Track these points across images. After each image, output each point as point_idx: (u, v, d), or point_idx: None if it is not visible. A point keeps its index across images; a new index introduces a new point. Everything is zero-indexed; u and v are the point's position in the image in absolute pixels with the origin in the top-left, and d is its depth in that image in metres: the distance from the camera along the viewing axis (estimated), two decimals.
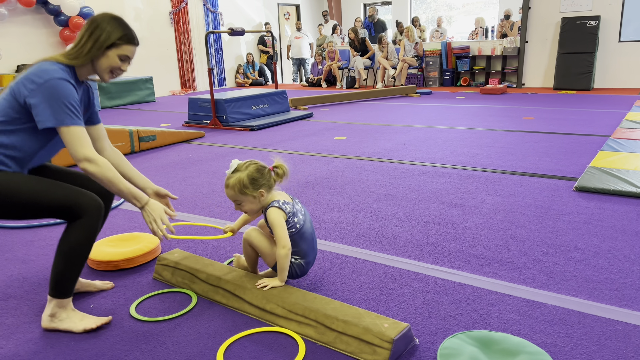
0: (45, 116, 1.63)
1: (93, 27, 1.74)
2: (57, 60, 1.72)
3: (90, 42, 1.73)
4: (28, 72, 1.67)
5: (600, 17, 8.62)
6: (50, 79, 1.63)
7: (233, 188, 1.84)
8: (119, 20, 1.79)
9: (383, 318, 1.61)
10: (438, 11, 14.58)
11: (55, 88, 1.63)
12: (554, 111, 6.51)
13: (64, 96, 1.64)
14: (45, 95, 1.62)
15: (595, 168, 3.49)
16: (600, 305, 1.81)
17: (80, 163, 1.66)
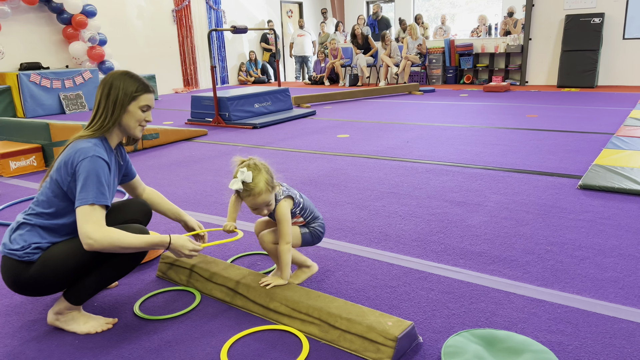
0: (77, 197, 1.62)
1: (107, 88, 1.73)
2: (89, 136, 1.71)
3: (110, 104, 1.73)
4: (64, 156, 1.67)
5: (604, 14, 8.58)
6: (84, 158, 1.63)
7: (267, 190, 1.77)
8: (129, 74, 1.78)
9: (387, 316, 1.61)
10: (441, 9, 14.54)
11: (88, 170, 1.63)
12: (558, 109, 6.49)
13: (93, 179, 1.63)
14: (83, 174, 1.62)
15: (599, 166, 3.47)
16: (604, 303, 1.81)
17: (84, 244, 1.61)
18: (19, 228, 1.68)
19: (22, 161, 4.13)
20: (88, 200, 1.60)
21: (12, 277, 1.65)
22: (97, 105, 1.75)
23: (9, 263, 1.65)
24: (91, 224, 1.59)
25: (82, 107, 8.23)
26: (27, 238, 1.65)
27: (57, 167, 1.68)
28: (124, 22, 9.69)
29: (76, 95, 8.17)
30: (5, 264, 1.67)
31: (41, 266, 1.64)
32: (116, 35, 9.36)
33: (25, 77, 7.58)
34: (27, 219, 1.69)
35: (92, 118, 1.76)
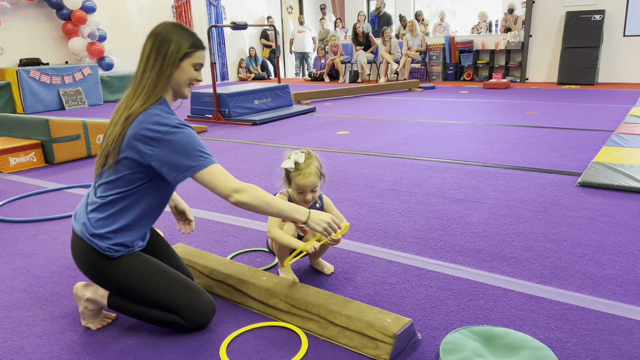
0: (183, 168, 1.52)
1: (159, 41, 1.58)
2: (152, 101, 1.56)
3: (160, 58, 1.58)
4: (137, 129, 1.52)
5: (604, 11, 8.57)
6: (168, 130, 1.51)
7: (317, 174, 1.89)
8: (182, 27, 1.62)
9: (386, 313, 1.61)
10: (442, 5, 14.50)
11: (180, 139, 1.52)
12: (558, 106, 6.48)
13: (191, 142, 1.53)
14: (173, 148, 1.51)
15: (598, 163, 3.47)
16: (603, 300, 1.81)
17: (231, 197, 1.53)
18: (97, 210, 1.60)
19: (21, 157, 4.13)
20: (205, 164, 1.52)
21: (88, 266, 1.63)
22: (145, 60, 1.59)
23: (86, 249, 1.61)
24: (229, 180, 1.54)
25: (82, 103, 8.22)
26: (109, 223, 1.59)
27: (126, 144, 1.54)
28: (123, 18, 9.67)
29: (76, 91, 8.16)
30: (80, 248, 1.62)
31: (127, 275, 1.61)
32: (116, 31, 9.34)
33: (24, 73, 7.56)
34: (104, 198, 1.59)
35: (139, 77, 1.60)
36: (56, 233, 2.65)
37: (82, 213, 1.65)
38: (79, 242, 1.63)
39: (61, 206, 3.13)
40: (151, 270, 1.65)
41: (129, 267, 1.63)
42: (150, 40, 1.59)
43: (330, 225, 1.64)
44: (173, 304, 1.64)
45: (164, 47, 1.57)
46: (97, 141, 4.48)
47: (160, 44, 1.58)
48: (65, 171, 4.03)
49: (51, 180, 3.77)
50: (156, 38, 1.59)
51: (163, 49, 1.57)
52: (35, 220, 2.85)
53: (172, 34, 1.58)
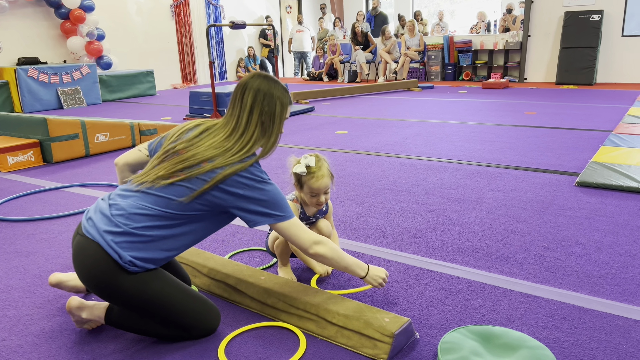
0: (269, 215, 1.56)
1: (263, 99, 1.58)
2: (250, 162, 1.56)
3: (267, 118, 1.60)
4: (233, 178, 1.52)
5: (603, 12, 8.57)
6: (262, 180, 1.56)
7: (329, 176, 1.92)
8: (276, 80, 1.64)
9: (384, 312, 1.61)
10: (440, 5, 14.50)
11: (272, 189, 1.57)
12: (556, 106, 6.49)
13: (281, 195, 1.59)
14: (264, 196, 1.55)
15: (597, 163, 3.48)
16: (601, 300, 1.82)
17: (311, 249, 1.61)
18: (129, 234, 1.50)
19: (19, 156, 4.13)
20: (289, 215, 1.59)
21: (96, 274, 1.50)
22: (248, 113, 1.58)
23: (99, 256, 1.49)
24: (309, 233, 1.62)
25: (80, 102, 8.21)
26: (143, 248, 1.52)
27: (214, 186, 1.52)
28: (122, 17, 9.66)
29: (74, 91, 8.15)
30: (92, 253, 1.50)
31: (141, 292, 1.52)
32: (114, 31, 9.32)
33: (23, 72, 7.55)
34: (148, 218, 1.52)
35: (242, 127, 1.59)
36: (54, 232, 2.65)
37: (105, 221, 1.52)
38: (92, 247, 1.50)
39: (59, 205, 3.12)
40: (166, 287, 1.57)
41: (143, 282, 1.53)
42: (253, 98, 1.58)
43: (385, 280, 1.78)
44: (185, 323, 1.60)
45: (270, 105, 1.60)
46: (96, 140, 4.48)
47: (268, 102, 1.59)
48: (64, 170, 4.03)
49: (49, 179, 3.77)
50: (257, 95, 1.58)
51: (270, 107, 1.60)
52: (33, 219, 2.85)
53: (275, 90, 1.61)
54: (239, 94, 1.61)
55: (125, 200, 1.56)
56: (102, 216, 1.54)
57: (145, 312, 1.57)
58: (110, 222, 1.51)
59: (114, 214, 1.53)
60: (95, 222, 1.53)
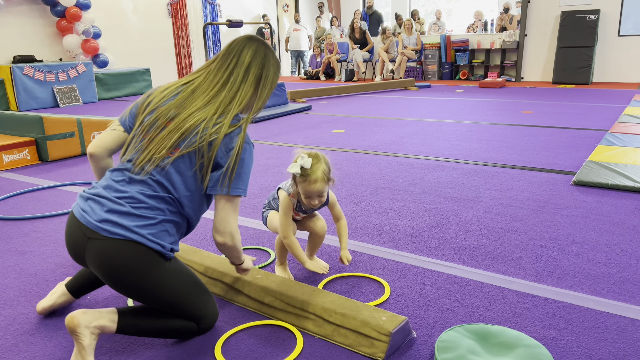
0: (236, 187, 1.50)
1: (261, 59, 1.57)
2: (246, 121, 1.55)
3: (262, 81, 1.59)
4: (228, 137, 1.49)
5: (599, 11, 8.60)
6: (248, 144, 1.53)
7: (323, 180, 1.80)
8: (271, 47, 1.63)
9: (381, 311, 1.61)
10: (437, 4, 14.51)
11: (249, 162, 1.53)
12: (553, 105, 6.50)
13: (250, 168, 1.55)
14: (242, 166, 1.51)
15: (593, 162, 3.49)
16: (597, 298, 1.82)
17: (224, 235, 1.52)
18: (163, 222, 1.47)
19: (15, 154, 4.11)
20: (242, 192, 1.51)
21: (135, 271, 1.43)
22: (245, 70, 1.56)
23: (140, 252, 1.43)
24: (236, 221, 1.53)
25: (77, 101, 8.18)
26: (171, 237, 1.50)
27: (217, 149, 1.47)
28: (118, 15, 9.62)
29: (70, 89, 8.12)
30: (130, 253, 1.42)
31: (173, 280, 1.51)
32: (111, 29, 9.29)
33: (18, 70, 7.52)
34: (160, 208, 1.47)
35: (237, 84, 1.55)
36: (50, 231, 2.64)
37: (131, 217, 1.44)
38: (128, 247, 1.42)
39: (55, 204, 3.11)
40: (187, 275, 1.58)
41: (177, 269, 1.54)
42: (251, 52, 1.57)
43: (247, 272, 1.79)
44: (198, 312, 1.58)
45: (265, 70, 1.59)
46: (92, 139, 4.46)
47: (264, 64, 1.58)
48: (59, 169, 4.01)
49: (45, 177, 3.75)
50: (258, 55, 1.57)
51: (266, 70, 1.59)
52: (28, 217, 2.84)
53: (273, 59, 1.60)
54: (236, 49, 1.58)
55: (135, 187, 1.47)
56: (120, 214, 1.44)
57: (169, 302, 1.51)
58: (138, 217, 1.44)
59: (136, 206, 1.45)
60: (118, 221, 1.42)
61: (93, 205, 1.47)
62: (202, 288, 1.62)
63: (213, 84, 1.56)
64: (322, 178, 1.79)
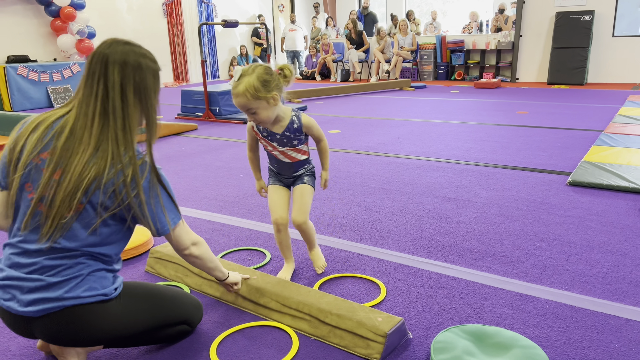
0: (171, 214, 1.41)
1: (133, 72, 1.33)
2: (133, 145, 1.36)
3: (141, 93, 1.37)
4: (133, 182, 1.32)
5: (594, 12, 8.63)
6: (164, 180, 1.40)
7: (245, 94, 1.68)
8: (138, 45, 1.39)
9: (377, 312, 1.60)
10: (433, 4, 14.53)
11: (165, 182, 1.42)
12: (548, 105, 6.52)
13: (170, 188, 1.43)
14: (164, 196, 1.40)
15: (588, 162, 3.50)
16: (592, 299, 1.82)
17: (187, 250, 1.47)
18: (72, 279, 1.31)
19: None
20: (177, 218, 1.42)
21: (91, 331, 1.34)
22: (120, 94, 1.32)
23: (88, 312, 1.32)
24: (190, 233, 1.48)
25: None
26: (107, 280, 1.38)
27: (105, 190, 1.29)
28: (113, 15, 9.59)
29: (64, 89, 8.08)
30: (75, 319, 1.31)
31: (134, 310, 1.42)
32: (105, 29, 9.24)
33: (12, 70, 7.47)
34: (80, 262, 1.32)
35: (119, 114, 1.32)
36: None
37: (53, 288, 1.29)
38: (69, 315, 1.30)
39: None
40: (146, 295, 1.50)
41: (132, 302, 1.43)
42: (118, 68, 1.30)
43: (237, 289, 1.80)
44: (179, 318, 1.55)
45: (143, 81, 1.35)
46: None
47: (139, 75, 1.34)
48: None
49: None
50: (127, 66, 1.31)
51: (143, 81, 1.35)
52: None
53: (145, 61, 1.35)
54: (99, 69, 1.30)
55: (42, 256, 1.30)
56: (43, 289, 1.28)
57: (146, 329, 1.46)
58: (61, 283, 1.29)
59: (53, 274, 1.30)
60: (45, 296, 1.28)
61: (12, 292, 1.30)
62: (167, 295, 1.55)
63: (90, 118, 1.31)
64: (242, 93, 1.68)
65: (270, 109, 1.76)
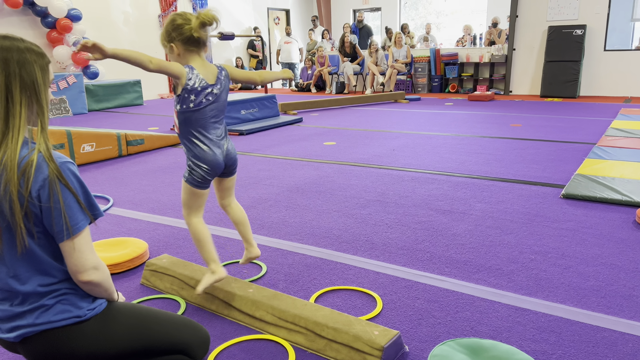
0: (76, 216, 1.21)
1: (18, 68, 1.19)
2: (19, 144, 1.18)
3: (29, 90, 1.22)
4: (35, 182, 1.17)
5: (586, 26, 8.75)
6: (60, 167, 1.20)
7: (160, 37, 1.78)
8: (20, 39, 1.25)
9: (373, 325, 1.60)
10: (427, 18, 14.69)
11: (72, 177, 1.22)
12: (541, 118, 6.58)
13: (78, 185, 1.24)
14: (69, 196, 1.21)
15: (581, 175, 3.53)
16: (587, 312, 1.83)
17: (87, 273, 1.23)
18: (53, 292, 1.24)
19: None
20: (84, 223, 1.22)
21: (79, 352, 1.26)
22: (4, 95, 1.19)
23: (62, 336, 1.24)
24: (93, 252, 1.25)
25: (66, 112, 8.13)
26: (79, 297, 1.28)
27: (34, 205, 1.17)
28: (109, 26, 9.61)
29: (60, 100, 8.07)
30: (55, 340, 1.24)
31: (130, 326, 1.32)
32: (101, 40, 9.03)
33: None
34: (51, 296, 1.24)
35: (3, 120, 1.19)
36: None
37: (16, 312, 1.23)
38: (45, 338, 1.24)
39: None
40: (136, 313, 1.37)
41: (114, 320, 1.32)
42: (0, 64, 1.17)
43: None
44: (180, 343, 1.37)
45: (30, 74, 1.21)
46: (82, 150, 4.43)
47: (26, 70, 1.20)
48: None
49: None
50: (10, 62, 1.17)
51: (30, 75, 1.21)
52: None
53: (30, 54, 1.21)
54: None
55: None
56: (14, 317, 1.24)
57: (139, 347, 1.33)
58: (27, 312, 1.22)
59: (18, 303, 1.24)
60: (18, 324, 1.23)
61: None
62: (159, 319, 1.39)
63: None
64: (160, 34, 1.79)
65: (172, 56, 1.77)
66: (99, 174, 4.17)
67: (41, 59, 1.24)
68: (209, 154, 1.76)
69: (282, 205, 3.15)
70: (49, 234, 1.22)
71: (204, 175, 1.77)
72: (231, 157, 1.85)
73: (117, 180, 3.95)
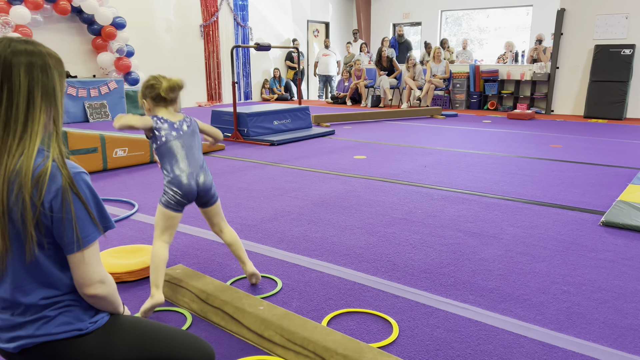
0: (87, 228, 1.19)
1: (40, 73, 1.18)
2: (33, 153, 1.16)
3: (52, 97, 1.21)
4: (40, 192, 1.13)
5: (635, 46, 8.39)
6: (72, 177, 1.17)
7: None
8: (40, 44, 1.23)
9: (385, 355, 1.51)
10: (470, 34, 14.46)
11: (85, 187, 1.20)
12: (583, 140, 6.31)
13: (91, 196, 1.21)
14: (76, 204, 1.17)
15: (624, 202, 3.32)
16: (624, 354, 1.67)
17: (93, 286, 1.20)
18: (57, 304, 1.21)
19: None
20: (95, 235, 1.20)
21: None
22: (28, 104, 1.18)
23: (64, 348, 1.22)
24: (100, 264, 1.23)
25: (106, 117, 8.35)
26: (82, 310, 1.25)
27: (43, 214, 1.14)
28: (152, 34, 9.86)
29: (100, 105, 8.30)
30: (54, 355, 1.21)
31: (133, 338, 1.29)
32: (143, 47, 9.51)
33: None
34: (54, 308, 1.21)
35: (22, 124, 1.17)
36: None
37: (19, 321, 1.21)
38: (44, 350, 1.22)
39: None
40: (139, 328, 1.34)
41: (115, 334, 1.28)
42: (24, 69, 1.15)
43: None
44: (179, 358, 1.32)
45: (51, 80, 1.20)
46: (114, 155, 4.50)
47: (47, 76, 1.19)
48: None
49: None
50: (34, 67, 1.17)
51: (51, 81, 1.20)
52: None
53: (51, 60, 1.20)
54: (0, 75, 1.15)
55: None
56: (15, 327, 1.21)
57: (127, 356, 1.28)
58: (28, 323, 1.20)
59: (19, 313, 1.21)
60: (18, 334, 1.20)
61: None
62: (163, 334, 1.35)
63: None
64: None
65: (147, 113, 2.08)
66: (129, 178, 4.21)
67: (60, 65, 1.24)
68: (182, 182, 1.95)
69: (304, 219, 3.09)
70: (58, 245, 1.19)
71: (177, 198, 1.95)
72: (205, 188, 2.01)
73: (145, 185, 3.97)
